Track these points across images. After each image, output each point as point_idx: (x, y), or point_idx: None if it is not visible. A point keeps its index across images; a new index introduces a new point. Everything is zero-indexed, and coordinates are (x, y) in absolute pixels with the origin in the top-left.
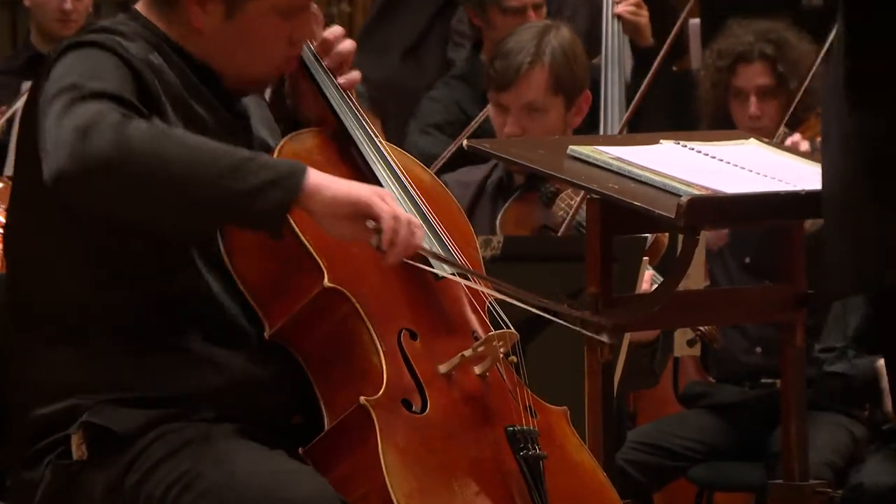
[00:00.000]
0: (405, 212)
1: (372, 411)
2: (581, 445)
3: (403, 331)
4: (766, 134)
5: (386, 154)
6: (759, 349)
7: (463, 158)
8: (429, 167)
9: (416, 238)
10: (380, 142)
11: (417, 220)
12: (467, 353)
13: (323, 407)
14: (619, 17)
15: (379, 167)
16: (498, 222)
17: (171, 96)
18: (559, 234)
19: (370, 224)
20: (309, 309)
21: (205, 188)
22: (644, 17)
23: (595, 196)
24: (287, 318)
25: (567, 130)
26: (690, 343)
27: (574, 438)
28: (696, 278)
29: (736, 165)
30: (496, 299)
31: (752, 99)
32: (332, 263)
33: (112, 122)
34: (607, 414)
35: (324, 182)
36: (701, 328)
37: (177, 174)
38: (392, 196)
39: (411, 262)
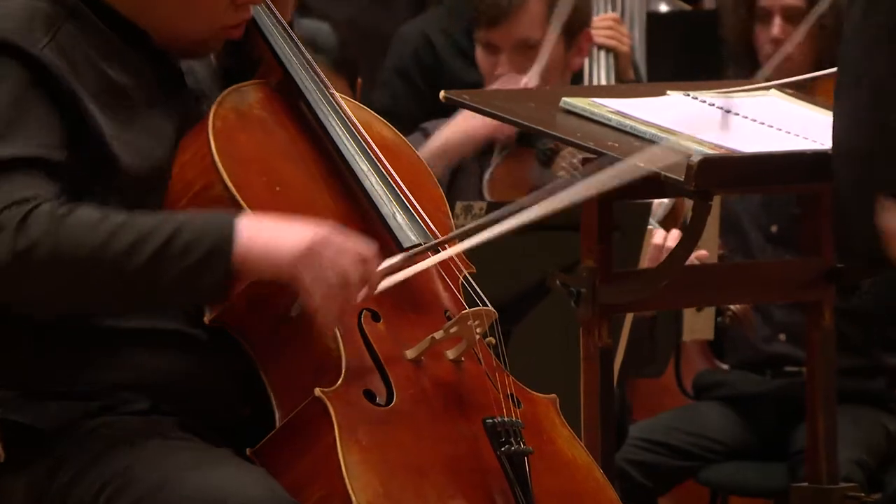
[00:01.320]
0: (348, 257)
1: (329, 404)
2: (573, 439)
3: (364, 311)
4: (792, 72)
5: (340, 108)
6: (783, 336)
7: (442, 111)
8: (396, 121)
9: (371, 284)
10: (332, 94)
11: (368, 253)
12: (438, 335)
13: (273, 400)
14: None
15: (332, 123)
16: (485, 185)
17: (85, 77)
18: None
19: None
20: (254, 289)
21: (119, 300)
22: (625, 45)
23: (591, 155)
24: (233, 297)
25: (566, 73)
26: (721, 324)
27: (565, 431)
28: (709, 250)
29: (755, 120)
30: (471, 274)
31: (777, 20)
32: None
33: (10, 230)
34: (606, 406)
35: (249, 251)
36: (732, 308)
37: (85, 287)
38: (334, 245)
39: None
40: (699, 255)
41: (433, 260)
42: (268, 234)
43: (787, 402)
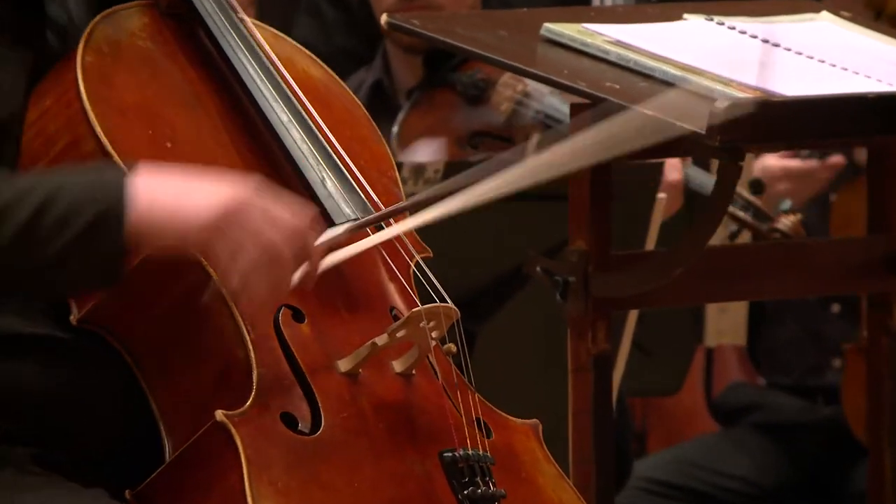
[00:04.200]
0: (279, 224)
1: (234, 432)
2: (560, 478)
3: (283, 309)
4: None
5: (252, 38)
6: (838, 362)
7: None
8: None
9: (311, 262)
10: (242, 19)
11: (301, 225)
12: (381, 340)
13: (161, 427)
14: None
15: (241, 58)
16: (394, 145)
17: None
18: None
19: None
20: (136, 278)
21: None
22: None
23: (582, 100)
24: (104, 294)
25: None
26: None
27: (549, 467)
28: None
29: (800, 53)
30: (425, 259)
31: None
32: None
33: None
34: (602, 432)
35: (148, 214)
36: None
37: None
38: (260, 208)
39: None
40: None
41: (376, 238)
42: (172, 193)
43: (843, 432)
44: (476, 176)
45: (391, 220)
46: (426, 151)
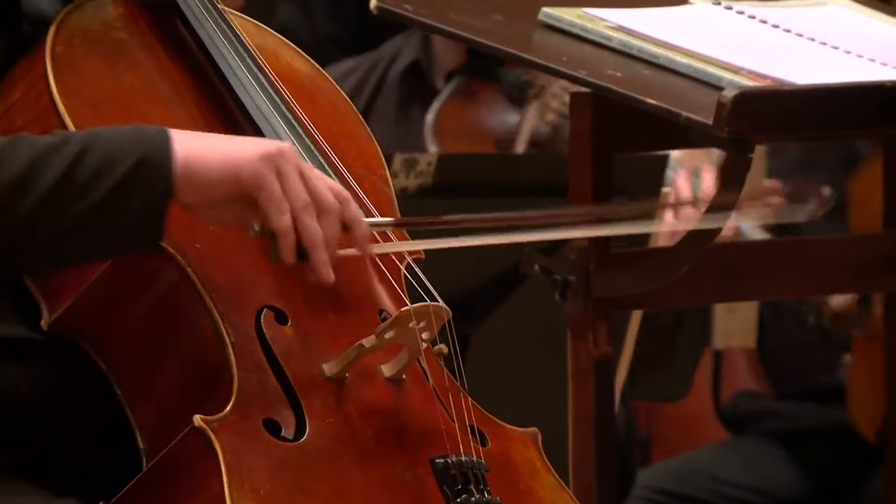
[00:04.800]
0: (324, 182)
1: (213, 438)
2: (561, 489)
3: (265, 310)
4: None
5: (234, 30)
6: (847, 357)
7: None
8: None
9: (356, 230)
10: (222, 10)
11: (344, 192)
12: (368, 342)
13: (138, 433)
14: None
15: (222, 50)
16: (427, 129)
17: None
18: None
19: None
20: (111, 277)
21: (9, 252)
22: None
23: (583, 89)
24: (78, 295)
25: None
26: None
27: (549, 478)
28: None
29: (813, 39)
30: (418, 256)
31: None
32: None
33: None
34: (603, 440)
35: (194, 154)
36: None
37: None
38: (295, 153)
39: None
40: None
41: (412, 245)
42: (216, 138)
43: (855, 438)
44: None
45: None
46: (463, 147)
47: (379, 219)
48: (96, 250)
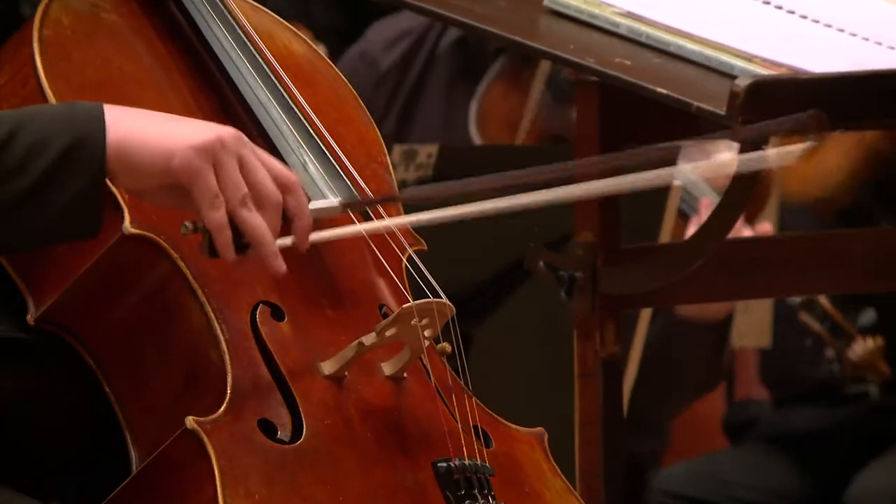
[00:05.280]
0: (268, 168)
1: (206, 441)
2: (569, 492)
3: (261, 306)
4: None
5: (228, 10)
6: (829, 350)
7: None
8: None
9: (298, 221)
10: None
11: (290, 179)
12: (368, 339)
13: (127, 435)
14: None
15: (215, 32)
16: (471, 117)
17: None
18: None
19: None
20: (99, 270)
21: None
22: None
23: (590, 77)
24: (65, 289)
25: None
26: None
27: (556, 481)
28: (767, 218)
29: (830, 25)
30: (417, 251)
31: None
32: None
33: None
34: (612, 442)
35: (130, 137)
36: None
37: None
38: (241, 138)
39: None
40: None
41: (369, 226)
42: (156, 119)
43: (856, 437)
44: (488, 183)
45: (382, 212)
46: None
47: (323, 204)
48: (31, 239)
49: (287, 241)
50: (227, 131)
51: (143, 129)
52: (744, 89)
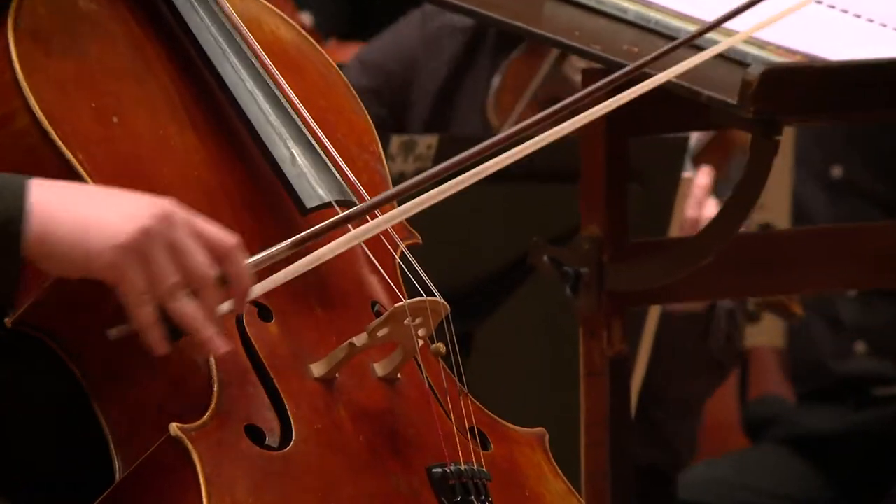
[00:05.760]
0: (201, 243)
1: (191, 448)
2: (571, 495)
3: (248, 306)
4: None
5: None
6: (860, 345)
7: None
8: None
9: (236, 288)
10: None
11: (226, 246)
12: (359, 340)
13: (110, 442)
14: None
15: (197, 20)
16: (493, 92)
17: None
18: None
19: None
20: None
21: None
22: None
23: (595, 65)
24: (43, 290)
25: None
26: (753, 315)
27: (558, 484)
28: (777, 209)
29: (846, 11)
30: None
31: None
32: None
33: None
34: (619, 446)
35: (52, 226)
36: None
37: None
38: (171, 218)
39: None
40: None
41: (355, 235)
42: (79, 206)
43: (881, 442)
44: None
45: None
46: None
47: (269, 252)
48: None
49: (225, 306)
50: (157, 213)
51: (67, 220)
52: (757, 78)
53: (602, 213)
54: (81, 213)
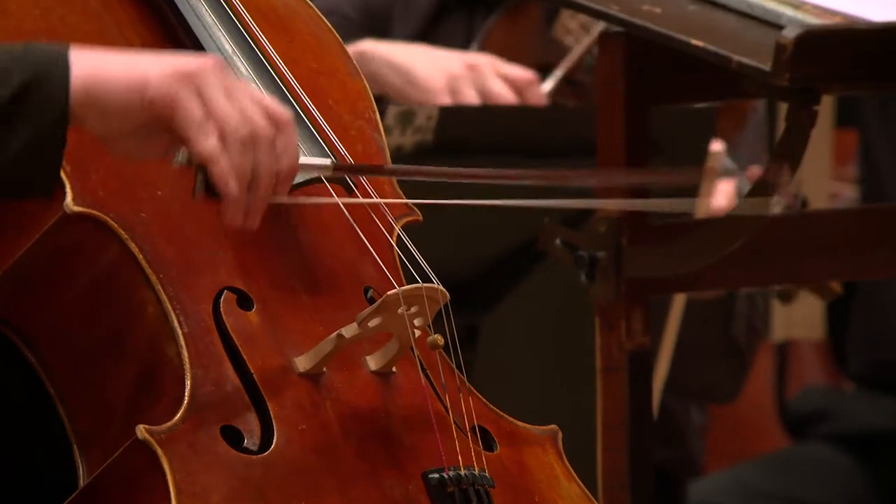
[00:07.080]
0: (257, 101)
1: (160, 452)
2: (584, 498)
3: (226, 292)
4: None
5: None
6: None
7: None
8: None
9: (283, 163)
10: None
11: (282, 115)
12: (348, 331)
13: (74, 444)
14: None
15: None
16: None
17: None
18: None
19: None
20: (39, 255)
21: None
22: None
23: (613, 28)
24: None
25: None
26: (785, 295)
27: (572, 487)
28: (817, 186)
29: None
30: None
31: None
32: (82, 170)
33: None
34: (639, 446)
35: (97, 73)
36: None
37: None
38: (222, 69)
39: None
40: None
41: (355, 201)
42: (121, 55)
43: None
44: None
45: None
46: None
47: (313, 160)
48: None
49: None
50: (208, 61)
51: (112, 63)
52: (792, 41)
53: (621, 191)
54: (128, 57)
